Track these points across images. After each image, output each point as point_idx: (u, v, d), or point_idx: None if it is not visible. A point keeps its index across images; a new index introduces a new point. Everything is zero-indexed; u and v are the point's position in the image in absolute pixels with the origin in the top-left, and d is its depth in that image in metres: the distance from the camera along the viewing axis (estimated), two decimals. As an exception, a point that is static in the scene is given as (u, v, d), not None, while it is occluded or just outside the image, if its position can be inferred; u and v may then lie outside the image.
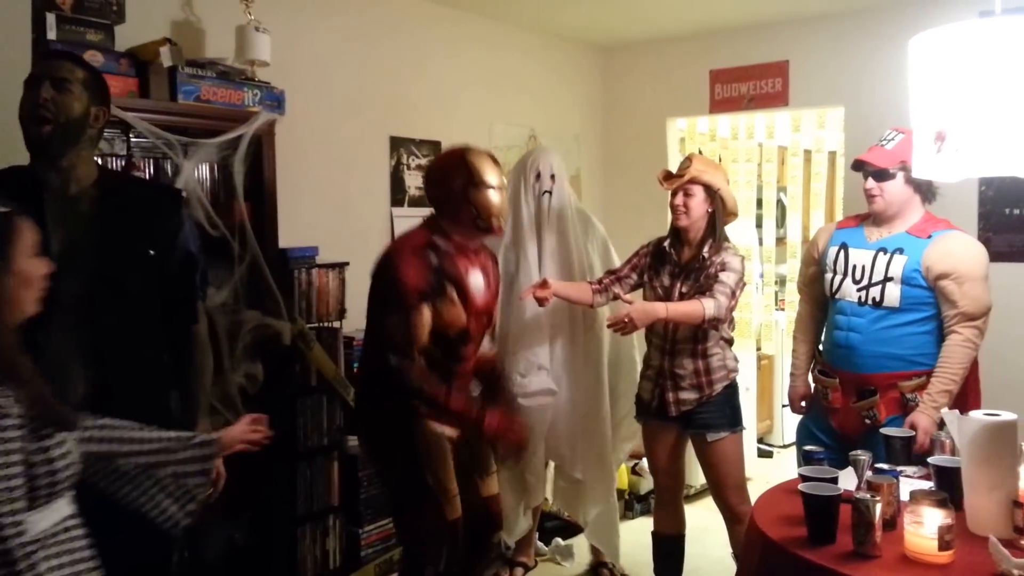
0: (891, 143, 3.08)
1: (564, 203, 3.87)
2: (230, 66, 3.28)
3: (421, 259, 2.84)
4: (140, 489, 1.97)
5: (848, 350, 3.13)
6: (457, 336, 2.92)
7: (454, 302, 2.86)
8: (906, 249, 3.04)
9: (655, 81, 5.45)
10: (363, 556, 3.72)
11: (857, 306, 3.11)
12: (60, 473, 1.69)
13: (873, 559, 2.10)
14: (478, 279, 2.98)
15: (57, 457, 1.68)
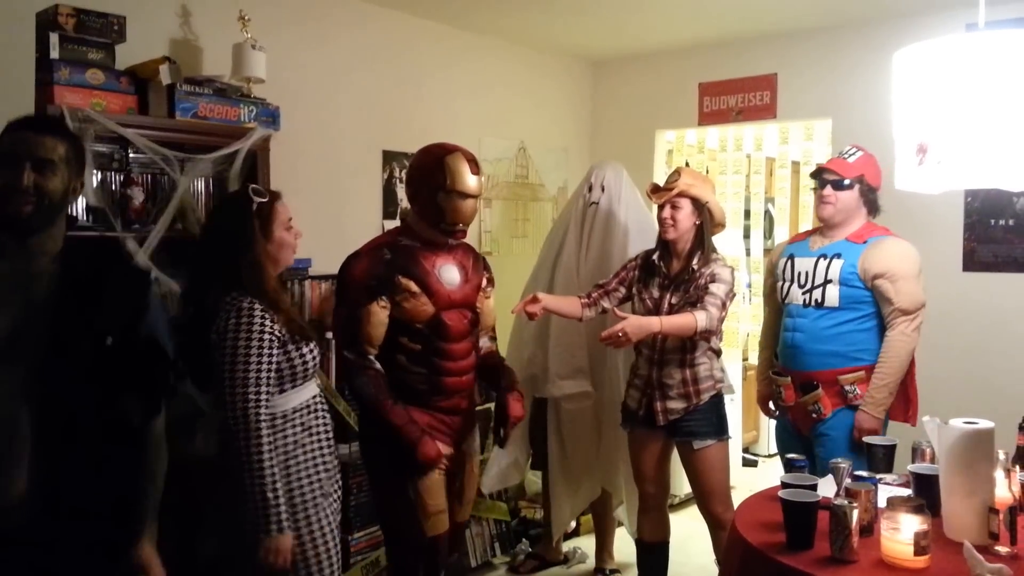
0: (853, 157, 3.39)
1: (613, 215, 4.05)
2: (227, 83, 3.34)
3: (372, 257, 2.90)
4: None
5: (794, 349, 3.39)
6: (429, 329, 2.91)
7: (413, 294, 2.87)
8: (843, 254, 3.32)
9: (644, 94, 5.52)
10: (352, 562, 3.75)
11: (802, 308, 3.39)
12: (308, 364, 2.52)
13: (850, 564, 2.16)
14: (450, 273, 2.98)
15: (306, 353, 2.51)
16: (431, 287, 2.91)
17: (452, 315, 2.96)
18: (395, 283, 2.86)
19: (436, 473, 2.92)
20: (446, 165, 2.91)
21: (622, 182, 4.08)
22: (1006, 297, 4.20)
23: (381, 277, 2.85)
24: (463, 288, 3.02)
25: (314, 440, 2.56)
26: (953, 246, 4.29)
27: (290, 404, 2.50)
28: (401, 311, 2.87)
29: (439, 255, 2.98)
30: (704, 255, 3.40)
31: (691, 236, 3.42)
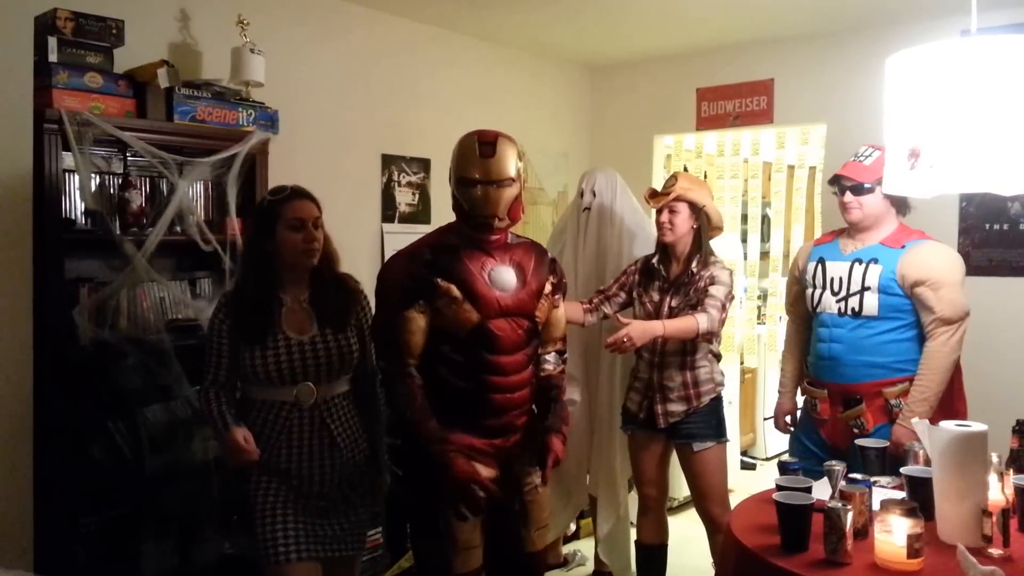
0: (869, 159, 3.17)
1: (605, 219, 4.02)
2: (225, 87, 3.35)
3: (412, 257, 2.69)
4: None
5: (832, 361, 3.20)
6: (475, 338, 2.65)
7: (454, 299, 2.62)
8: (880, 259, 3.12)
9: (642, 99, 5.54)
10: (353, 567, 3.76)
11: (837, 317, 3.19)
12: (258, 369, 2.54)
13: (844, 566, 2.16)
14: (504, 276, 2.71)
15: (257, 358, 2.54)
16: (476, 291, 2.64)
17: (502, 324, 2.67)
18: (434, 287, 2.62)
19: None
20: (457, 151, 2.74)
21: (615, 187, 4.08)
22: (1001, 301, 4.21)
23: (419, 279, 2.63)
24: (518, 293, 2.72)
25: (270, 437, 2.58)
26: (948, 251, 4.31)
27: (255, 396, 2.61)
28: (442, 318, 2.63)
29: (491, 255, 2.72)
30: (702, 258, 3.42)
31: (689, 240, 3.44)
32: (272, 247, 2.58)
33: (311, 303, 2.65)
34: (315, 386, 2.60)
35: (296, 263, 2.61)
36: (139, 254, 2.99)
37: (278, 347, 2.56)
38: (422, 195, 4.57)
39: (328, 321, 2.65)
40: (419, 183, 4.56)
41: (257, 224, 2.64)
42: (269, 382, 2.56)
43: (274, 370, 2.55)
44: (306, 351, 2.58)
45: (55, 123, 2.79)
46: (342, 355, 2.66)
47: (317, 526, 2.63)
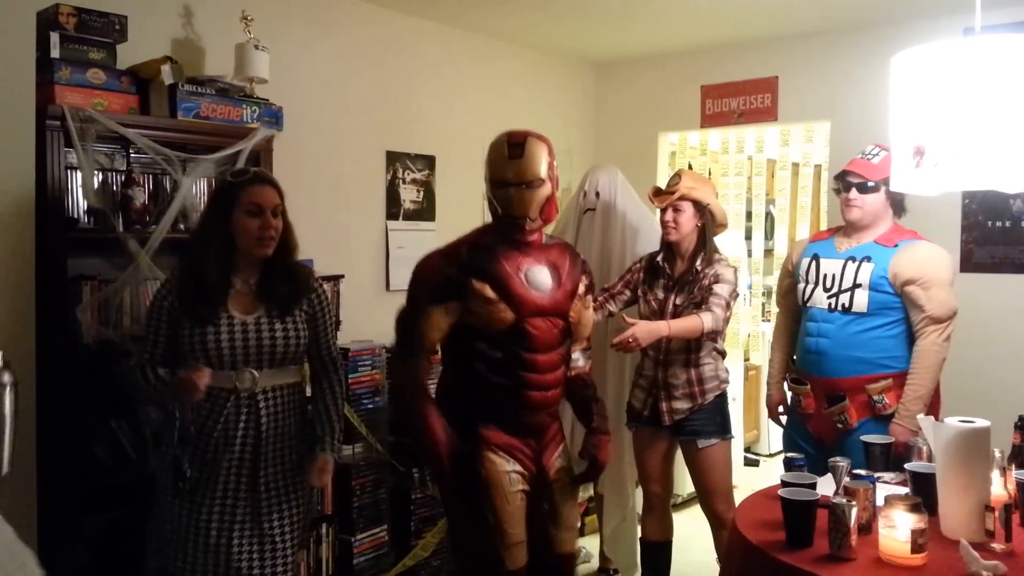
0: (876, 158, 3.21)
1: (609, 219, 4.03)
2: (229, 83, 3.35)
3: (447, 256, 2.72)
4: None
5: (819, 355, 3.27)
6: (511, 336, 2.67)
7: (488, 300, 2.64)
8: (873, 257, 3.18)
9: (647, 96, 5.53)
10: (355, 564, 3.77)
11: (827, 312, 3.26)
12: (196, 349, 2.48)
13: (848, 562, 2.17)
14: (539, 276, 2.74)
15: (196, 337, 2.48)
16: (512, 291, 2.66)
17: (539, 323, 2.70)
18: (468, 287, 2.65)
19: (518, 499, 2.70)
20: (488, 153, 2.76)
21: (617, 185, 4.08)
22: (1003, 298, 4.20)
23: (452, 280, 2.66)
24: (554, 294, 2.75)
25: (204, 425, 2.52)
26: (951, 248, 4.28)
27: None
28: (476, 318, 2.66)
29: (528, 255, 2.75)
30: (707, 256, 3.43)
31: (694, 238, 3.44)
32: (227, 230, 2.52)
33: (258, 286, 2.60)
34: (256, 372, 2.54)
35: (248, 249, 2.54)
36: (142, 252, 2.97)
37: (220, 327, 2.50)
38: (427, 192, 4.57)
39: (275, 304, 2.59)
40: (424, 180, 4.55)
41: (215, 204, 2.58)
42: (209, 364, 2.47)
43: (214, 351, 2.49)
44: (249, 332, 2.53)
45: (57, 120, 2.79)
46: (287, 340, 2.59)
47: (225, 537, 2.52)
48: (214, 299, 2.51)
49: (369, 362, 3.88)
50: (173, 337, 2.53)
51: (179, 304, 2.50)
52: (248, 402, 2.54)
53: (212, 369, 2.47)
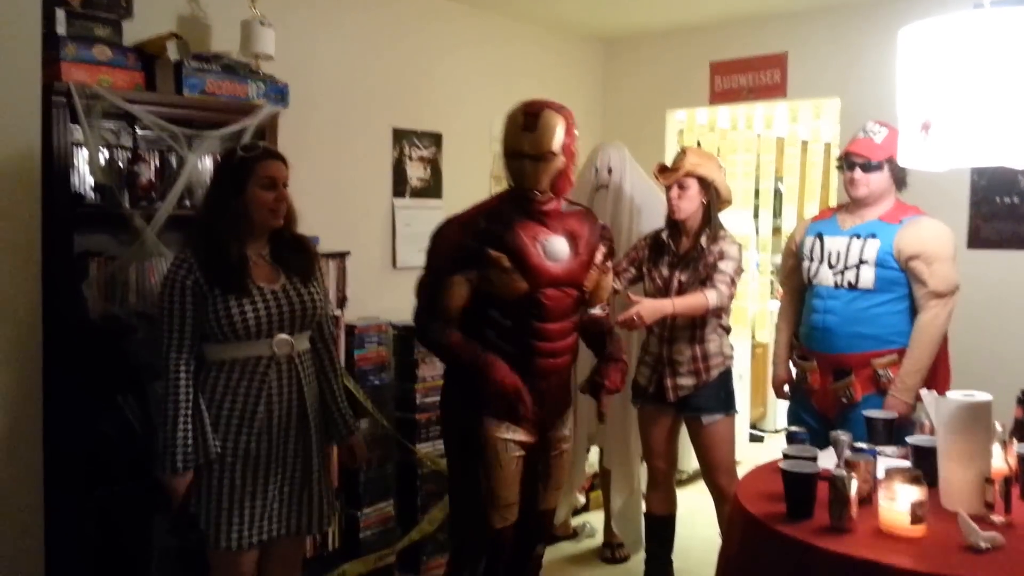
0: (878, 136, 3.23)
1: (620, 195, 4.06)
2: (235, 60, 3.35)
3: (466, 225, 2.73)
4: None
5: (825, 332, 3.29)
6: (523, 305, 2.71)
7: (504, 270, 2.66)
8: (879, 234, 3.21)
9: (656, 73, 5.51)
10: (362, 538, 3.80)
11: (833, 289, 3.28)
12: (236, 322, 2.51)
13: (848, 533, 2.19)
14: (556, 246, 2.75)
15: (235, 309, 2.51)
16: (528, 262, 2.69)
17: (552, 292, 2.74)
18: (485, 256, 2.67)
19: (513, 465, 2.76)
20: (504, 124, 2.77)
21: (626, 162, 4.10)
22: (1009, 274, 4.19)
23: (471, 249, 2.68)
24: (569, 264, 2.78)
25: (240, 400, 2.56)
26: (959, 224, 4.27)
27: (222, 356, 2.56)
28: (491, 285, 2.69)
29: (545, 224, 2.76)
30: (712, 233, 3.43)
31: (699, 215, 3.45)
32: (240, 203, 2.57)
33: (272, 257, 2.67)
34: (291, 338, 2.63)
35: (263, 221, 2.61)
36: (148, 228, 2.98)
37: (255, 299, 2.55)
38: (433, 170, 4.57)
39: (296, 272, 2.68)
40: (431, 158, 4.56)
41: (228, 178, 2.61)
42: (247, 335, 2.55)
43: (252, 321, 2.54)
44: (280, 300, 2.60)
45: (63, 96, 2.79)
46: (314, 304, 2.70)
47: (281, 499, 2.62)
48: (243, 271, 2.56)
49: (376, 339, 3.89)
50: (200, 316, 2.53)
51: (207, 280, 2.52)
52: (288, 368, 2.63)
53: (249, 340, 2.56)
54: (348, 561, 3.73)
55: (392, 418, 3.93)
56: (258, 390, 2.58)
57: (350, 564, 3.71)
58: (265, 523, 2.60)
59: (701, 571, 3.81)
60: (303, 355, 2.69)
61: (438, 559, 4.03)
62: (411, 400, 3.98)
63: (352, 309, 3.87)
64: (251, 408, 2.57)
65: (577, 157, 2.83)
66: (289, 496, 2.65)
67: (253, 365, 2.58)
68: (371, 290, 4.15)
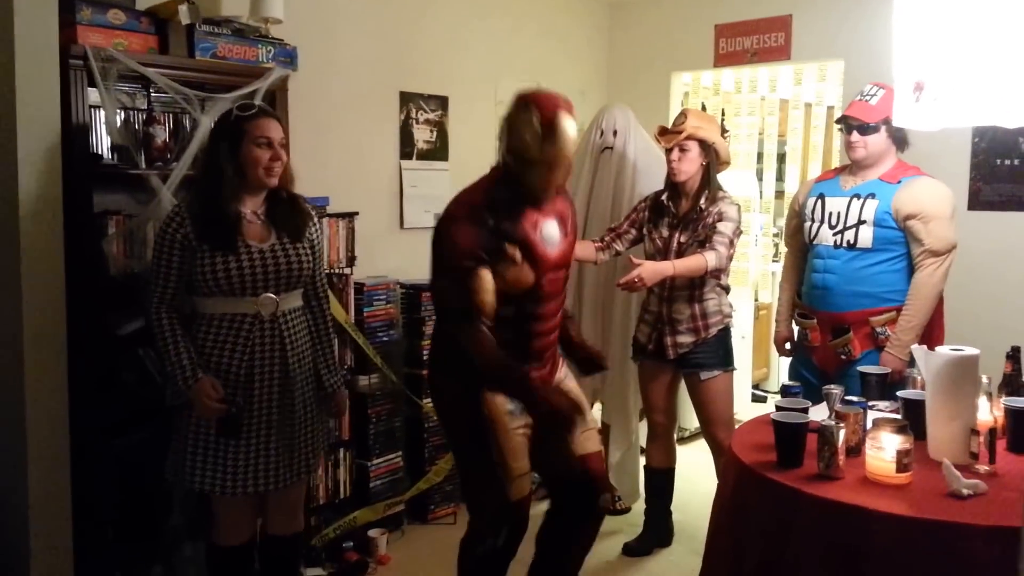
0: (874, 98, 3.27)
1: (625, 157, 4.10)
2: (245, 24, 3.40)
3: (475, 223, 2.61)
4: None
5: (825, 290, 3.37)
6: (525, 294, 2.70)
7: (516, 262, 2.63)
8: (877, 194, 3.27)
9: (661, 35, 5.53)
10: (372, 487, 3.94)
11: (833, 249, 3.35)
12: (220, 277, 2.61)
13: (835, 480, 2.28)
14: (551, 230, 2.75)
15: (218, 265, 2.60)
16: (535, 253, 2.67)
17: (551, 277, 2.76)
18: (501, 251, 2.61)
19: (519, 434, 2.76)
20: (515, 124, 2.62)
21: (631, 124, 4.16)
22: (1008, 236, 4.24)
23: (487, 247, 2.60)
24: (562, 245, 2.79)
25: (225, 355, 2.66)
26: (959, 186, 4.33)
27: (210, 309, 2.68)
28: (502, 281, 2.63)
29: (540, 210, 2.74)
30: (711, 194, 3.50)
31: (699, 177, 3.52)
32: (236, 161, 2.66)
33: (267, 215, 2.75)
34: (276, 297, 2.71)
35: (258, 179, 2.69)
36: (164, 188, 3.07)
37: (240, 255, 2.65)
38: (440, 132, 4.63)
39: (286, 231, 2.75)
40: (437, 120, 4.61)
41: (223, 137, 2.70)
42: (231, 292, 2.65)
43: (237, 278, 2.64)
44: (267, 259, 2.69)
45: (80, 59, 2.86)
46: (300, 264, 2.77)
47: (269, 451, 2.72)
48: (232, 227, 2.64)
49: (384, 296, 3.99)
50: (186, 269, 2.65)
51: (197, 234, 2.61)
52: (271, 326, 2.71)
53: (234, 296, 2.64)
54: (359, 508, 3.87)
55: (400, 373, 4.04)
56: (243, 347, 2.68)
57: (361, 511, 3.86)
58: (250, 477, 2.69)
59: (699, 522, 3.89)
60: (290, 313, 2.77)
61: (445, 508, 4.21)
62: (419, 356, 4.08)
63: (361, 268, 3.97)
64: (236, 363, 2.67)
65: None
66: (277, 451, 2.74)
67: (239, 321, 2.68)
68: (379, 249, 4.23)
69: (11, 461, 2.91)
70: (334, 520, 3.77)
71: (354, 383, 3.86)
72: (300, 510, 3.03)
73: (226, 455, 2.68)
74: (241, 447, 2.69)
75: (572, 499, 2.91)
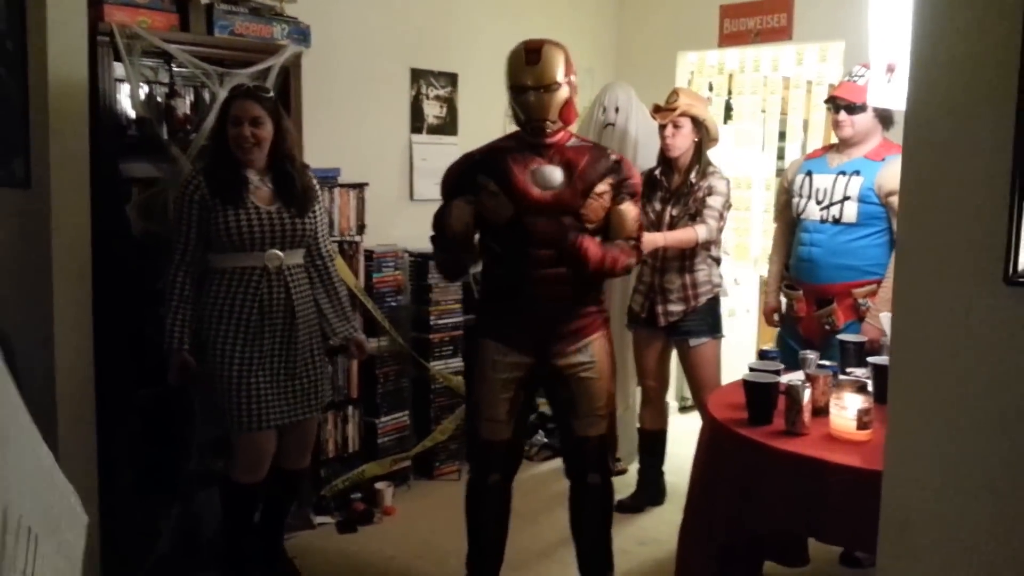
0: (861, 79, 3.41)
1: (627, 133, 4.28)
2: (261, 3, 3.57)
3: (465, 157, 3.01)
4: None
5: (811, 263, 3.52)
6: (511, 231, 2.87)
7: (492, 194, 2.86)
8: (862, 171, 3.41)
9: (667, 15, 5.64)
10: (380, 444, 4.16)
11: (819, 224, 3.50)
12: (232, 233, 2.93)
13: (800, 436, 2.47)
14: (546, 175, 2.87)
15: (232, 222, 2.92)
16: (512, 186, 2.84)
17: (538, 219, 2.85)
18: (476, 183, 2.90)
19: (498, 384, 2.91)
20: (507, 61, 2.91)
21: (632, 102, 4.33)
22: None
23: (465, 175, 2.94)
24: (561, 192, 2.86)
25: (236, 304, 2.97)
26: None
27: (223, 264, 2.99)
28: (484, 209, 2.89)
29: (543, 155, 2.90)
30: (701, 169, 3.68)
31: (690, 152, 3.69)
32: (224, 136, 2.98)
33: (274, 183, 3.05)
34: (281, 253, 3.01)
35: (238, 152, 2.98)
36: (184, 157, 3.28)
37: (250, 213, 2.97)
38: (449, 108, 4.79)
39: (291, 201, 3.05)
40: (447, 96, 4.77)
41: (219, 115, 3.08)
42: (242, 247, 2.96)
43: (247, 233, 2.96)
44: (273, 219, 3.01)
45: (107, 36, 3.06)
46: (304, 227, 3.10)
47: (282, 389, 3.05)
48: (240, 186, 2.96)
49: (392, 263, 4.20)
50: (204, 226, 2.93)
51: (212, 192, 2.91)
52: (277, 278, 3.00)
53: (244, 251, 2.95)
54: (367, 462, 4.10)
55: (408, 337, 4.24)
56: (252, 297, 2.98)
57: (368, 465, 4.08)
58: (265, 412, 3.01)
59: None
60: (293, 268, 3.08)
61: (449, 465, 4.43)
62: (425, 321, 4.29)
63: (371, 236, 4.16)
64: (246, 312, 2.97)
65: (578, 89, 2.99)
66: (291, 387, 3.07)
67: (249, 274, 2.98)
68: (390, 219, 4.40)
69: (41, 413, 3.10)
70: (342, 473, 4.00)
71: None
72: (311, 447, 3.34)
73: (246, 393, 2.96)
74: (256, 386, 2.98)
75: (569, 473, 3.11)
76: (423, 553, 3.65)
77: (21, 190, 3.04)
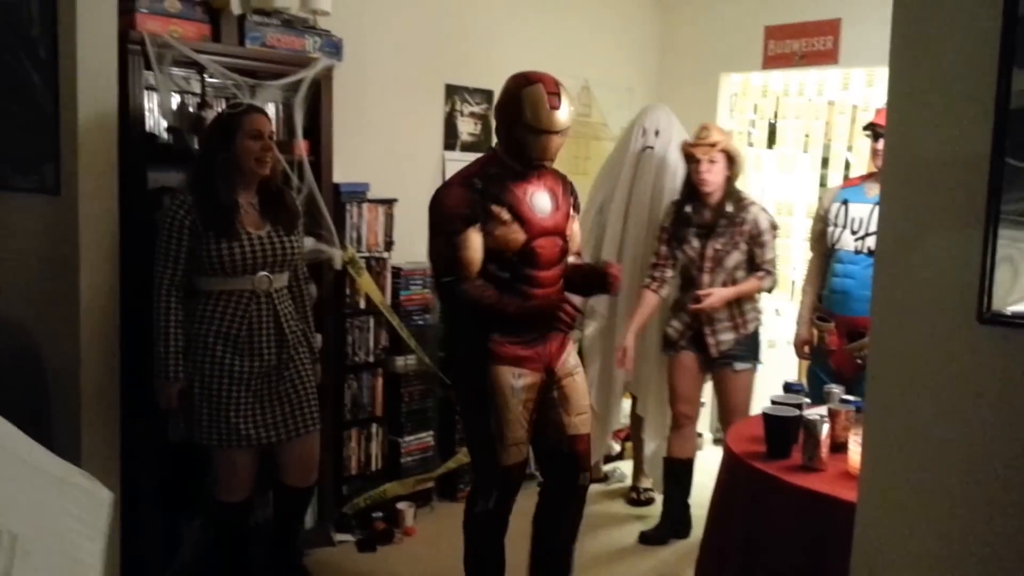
0: None
1: (666, 157, 4.25)
2: (294, 15, 3.59)
3: (464, 187, 2.88)
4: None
5: (844, 295, 3.45)
6: (519, 257, 2.90)
7: (505, 222, 2.86)
8: None
9: (711, 34, 5.57)
10: (403, 463, 4.12)
11: (853, 255, 3.43)
12: (224, 260, 2.93)
13: (817, 472, 2.39)
14: (542, 201, 2.95)
15: (223, 249, 2.93)
16: (524, 215, 2.89)
17: (544, 243, 2.94)
18: (488, 211, 2.85)
19: (519, 407, 2.93)
20: (524, 98, 2.83)
21: (673, 125, 4.29)
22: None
23: (475, 205, 2.85)
24: (554, 215, 2.98)
25: (225, 325, 2.98)
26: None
27: (212, 288, 3.00)
28: (493, 240, 2.86)
29: (530, 183, 2.94)
30: (735, 200, 3.66)
31: (723, 186, 3.69)
32: (230, 154, 2.95)
33: (261, 206, 3.05)
34: (271, 276, 3.04)
35: (251, 170, 2.97)
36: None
37: (242, 242, 2.98)
38: (484, 125, 4.76)
39: (280, 222, 3.07)
40: (482, 114, 4.75)
41: (218, 133, 3.00)
42: (233, 272, 2.98)
43: (239, 260, 2.98)
44: (264, 244, 3.01)
45: (138, 44, 3.07)
46: (293, 249, 3.14)
47: (266, 409, 3.05)
48: (233, 215, 2.96)
49: (420, 281, 4.17)
50: (192, 251, 2.94)
51: (203, 222, 2.91)
52: (266, 300, 3.02)
53: (235, 276, 2.97)
54: (390, 481, 4.07)
55: (435, 356, 4.19)
56: (241, 317, 2.99)
57: (391, 484, 4.06)
58: (251, 431, 3.02)
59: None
60: (280, 290, 3.12)
61: (472, 488, 4.34)
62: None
63: (399, 253, 4.13)
64: (233, 333, 2.98)
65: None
66: (280, 407, 3.09)
67: (237, 297, 3.00)
68: (420, 237, 4.30)
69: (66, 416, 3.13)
70: (365, 490, 3.97)
71: (389, 363, 4.05)
72: (315, 465, 3.30)
73: (227, 411, 2.97)
74: (236, 405, 2.98)
75: (556, 474, 3.12)
76: (441, 575, 3.59)
77: (51, 197, 3.08)
